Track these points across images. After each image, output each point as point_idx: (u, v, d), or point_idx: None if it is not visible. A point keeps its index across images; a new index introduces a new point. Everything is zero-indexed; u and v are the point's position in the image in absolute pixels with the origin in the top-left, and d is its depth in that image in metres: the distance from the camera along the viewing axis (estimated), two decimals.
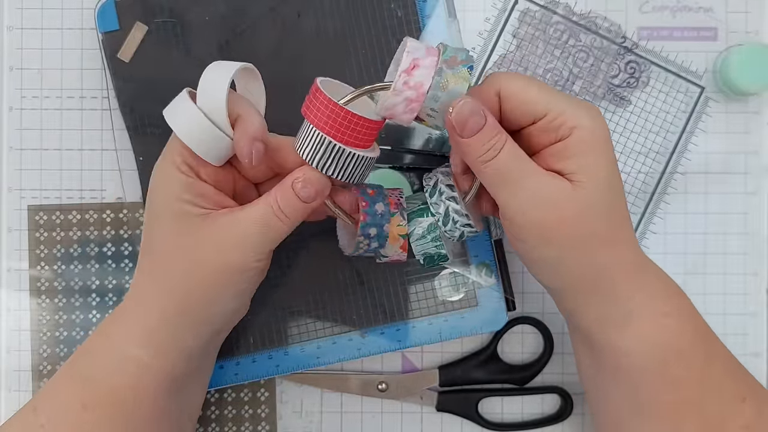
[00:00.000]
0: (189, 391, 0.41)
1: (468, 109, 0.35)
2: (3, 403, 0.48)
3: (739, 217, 0.49)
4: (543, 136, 0.37)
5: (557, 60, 0.49)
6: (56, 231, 0.49)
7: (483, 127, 0.35)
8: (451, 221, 0.39)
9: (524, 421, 0.49)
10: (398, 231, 0.39)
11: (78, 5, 0.49)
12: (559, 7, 0.49)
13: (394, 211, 0.39)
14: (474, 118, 0.35)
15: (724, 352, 0.38)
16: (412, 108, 0.36)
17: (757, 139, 0.49)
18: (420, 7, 0.47)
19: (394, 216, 0.39)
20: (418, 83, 0.35)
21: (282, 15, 0.47)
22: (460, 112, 0.35)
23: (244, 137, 0.37)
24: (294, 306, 0.47)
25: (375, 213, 0.38)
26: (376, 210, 0.39)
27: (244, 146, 0.36)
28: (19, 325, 0.49)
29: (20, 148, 0.49)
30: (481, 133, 0.35)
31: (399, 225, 0.39)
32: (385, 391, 0.48)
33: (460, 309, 0.47)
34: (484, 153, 0.35)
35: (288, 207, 0.37)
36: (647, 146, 0.49)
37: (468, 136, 0.35)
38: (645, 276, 0.38)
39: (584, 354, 0.41)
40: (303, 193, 0.37)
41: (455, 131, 0.36)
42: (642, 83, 0.49)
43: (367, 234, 0.39)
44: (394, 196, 0.40)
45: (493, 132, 0.35)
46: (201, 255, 0.37)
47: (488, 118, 0.36)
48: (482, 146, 0.35)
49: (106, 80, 0.48)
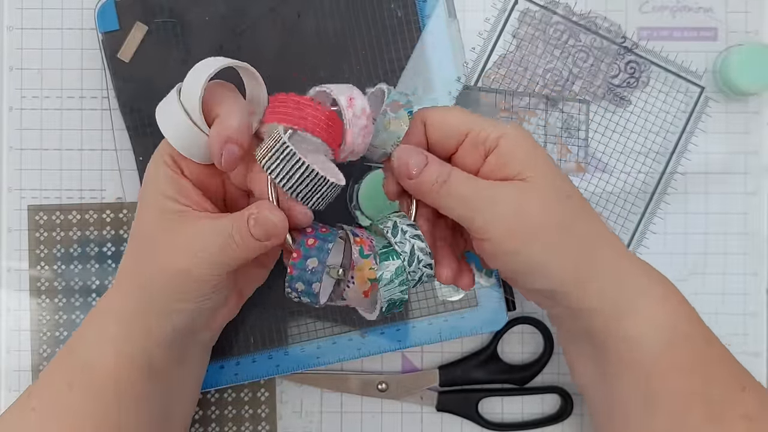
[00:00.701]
0: (174, 383, 0.41)
1: (407, 152, 0.37)
2: (3, 403, 0.48)
3: (739, 217, 0.49)
4: (474, 152, 0.38)
5: (557, 60, 0.49)
6: (56, 231, 0.49)
7: (427, 163, 0.37)
8: (416, 260, 0.37)
9: (524, 421, 0.49)
10: (368, 275, 0.36)
11: (78, 5, 0.49)
12: (559, 7, 0.49)
13: (368, 253, 0.37)
14: (414, 158, 0.37)
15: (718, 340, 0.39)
16: (367, 132, 0.37)
17: (757, 139, 0.49)
18: (420, 7, 0.47)
19: (368, 258, 0.37)
20: (363, 110, 0.37)
21: (282, 15, 0.47)
22: (401, 157, 0.38)
23: (216, 137, 0.36)
24: (294, 306, 0.47)
25: (304, 269, 0.35)
26: (307, 266, 0.35)
27: (214, 146, 0.36)
28: (19, 325, 0.49)
29: (20, 148, 0.49)
30: (426, 168, 0.37)
31: (371, 268, 0.36)
32: (385, 391, 0.48)
33: (460, 309, 0.48)
34: (434, 182, 0.37)
35: (240, 238, 0.36)
36: (647, 146, 0.49)
37: (416, 177, 0.37)
38: (631, 263, 0.38)
39: (583, 355, 0.41)
40: (254, 231, 0.36)
41: (404, 176, 0.38)
42: (642, 83, 0.49)
43: (294, 288, 0.36)
44: (365, 237, 0.38)
45: (437, 163, 0.37)
46: (169, 254, 0.37)
47: (428, 156, 0.38)
48: (432, 176, 0.37)
49: (106, 80, 0.48)
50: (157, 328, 0.39)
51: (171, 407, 0.42)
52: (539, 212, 0.36)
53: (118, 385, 0.38)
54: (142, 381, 0.39)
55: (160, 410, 0.40)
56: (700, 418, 0.37)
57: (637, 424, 0.38)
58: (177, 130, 0.37)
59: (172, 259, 0.37)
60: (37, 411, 0.38)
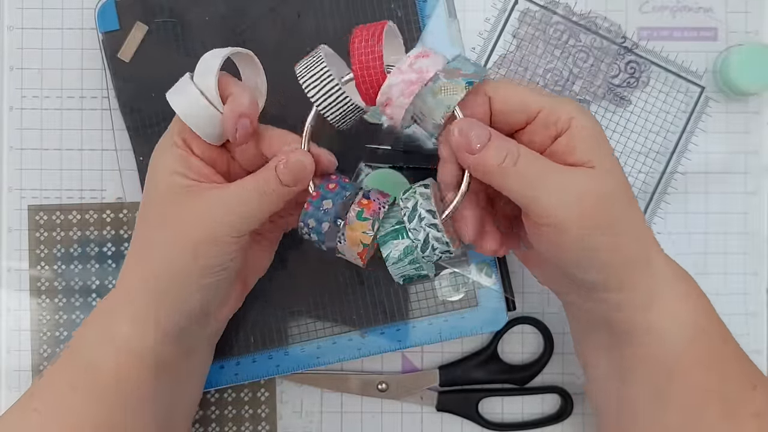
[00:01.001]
0: (180, 379, 0.41)
1: (467, 125, 0.36)
2: (3, 403, 0.48)
3: (739, 217, 0.49)
4: (542, 132, 0.37)
5: (557, 60, 0.49)
6: (56, 231, 0.49)
7: (490, 138, 0.36)
8: (430, 248, 0.37)
9: (524, 421, 0.49)
10: (361, 237, 0.37)
11: (78, 5, 0.49)
12: (559, 7, 0.49)
13: (366, 216, 0.37)
14: (476, 131, 0.36)
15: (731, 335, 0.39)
16: (410, 91, 0.36)
17: (757, 139, 0.49)
18: (420, 7, 0.47)
19: (365, 221, 0.37)
20: (422, 68, 0.36)
21: (282, 15, 0.47)
22: (461, 130, 0.36)
23: (231, 113, 0.38)
24: (294, 306, 0.47)
25: (319, 207, 0.38)
26: (322, 205, 0.38)
27: (229, 121, 0.38)
28: (19, 325, 0.49)
29: (20, 148, 0.49)
30: (491, 143, 0.35)
31: (364, 232, 0.37)
32: (385, 391, 0.48)
33: (460, 309, 0.47)
34: (503, 161, 0.35)
35: (268, 187, 0.37)
36: (647, 146, 0.49)
37: (478, 152, 0.36)
38: (661, 257, 0.38)
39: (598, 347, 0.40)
40: (283, 177, 0.37)
41: (463, 150, 0.36)
42: (642, 83, 0.49)
43: (306, 224, 0.38)
44: (379, 202, 0.38)
45: (502, 140, 0.36)
46: (183, 224, 0.37)
47: (491, 130, 0.36)
48: (496, 156, 0.35)
49: (106, 80, 0.48)
50: (168, 320, 0.39)
51: (175, 406, 0.41)
52: (605, 203, 0.36)
53: (123, 385, 0.38)
54: (149, 380, 0.38)
55: (164, 409, 0.40)
56: (715, 415, 0.37)
57: (647, 419, 0.38)
58: (193, 108, 0.38)
59: (192, 230, 0.37)
60: (39, 412, 0.38)
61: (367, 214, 0.37)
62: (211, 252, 0.37)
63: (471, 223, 0.38)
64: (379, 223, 0.37)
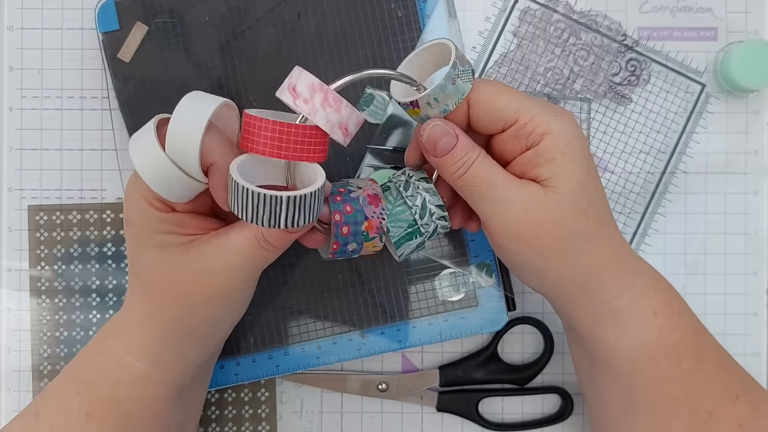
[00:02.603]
0: (193, 395, 0.42)
1: (439, 131, 0.36)
2: (3, 403, 0.48)
3: (739, 217, 0.49)
4: (514, 143, 0.37)
5: (558, 58, 0.49)
6: (56, 231, 0.49)
7: (455, 146, 0.36)
8: (428, 213, 0.39)
9: (524, 421, 0.49)
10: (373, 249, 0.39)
11: (78, 5, 0.49)
12: (560, 5, 0.49)
13: (373, 236, 0.38)
14: (445, 139, 0.36)
15: (716, 349, 0.39)
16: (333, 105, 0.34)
17: (757, 139, 0.49)
18: (420, 7, 0.47)
19: (372, 240, 0.38)
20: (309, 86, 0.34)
21: (282, 15, 0.47)
22: (431, 134, 0.36)
23: (221, 186, 0.35)
24: (294, 306, 0.47)
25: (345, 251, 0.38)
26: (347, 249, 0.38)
27: (221, 194, 0.35)
28: (19, 325, 0.49)
29: (20, 148, 0.49)
30: (453, 151, 0.36)
31: (374, 246, 0.39)
32: (385, 391, 0.48)
33: (460, 309, 0.47)
34: (456, 170, 0.36)
35: (274, 239, 0.36)
36: (648, 143, 0.49)
37: (441, 156, 0.37)
38: (633, 274, 0.38)
39: (579, 354, 0.41)
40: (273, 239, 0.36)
41: (428, 151, 0.37)
42: (643, 81, 0.49)
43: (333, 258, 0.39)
44: (375, 216, 0.38)
45: (464, 150, 0.36)
46: (188, 284, 0.36)
47: (459, 138, 0.36)
48: (454, 164, 0.36)
49: (106, 80, 0.48)
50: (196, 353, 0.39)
51: (187, 418, 0.42)
52: (548, 223, 0.36)
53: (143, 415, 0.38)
54: (168, 406, 0.39)
55: (179, 425, 0.41)
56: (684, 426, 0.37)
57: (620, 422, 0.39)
58: (163, 176, 0.34)
59: (196, 285, 0.36)
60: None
61: (372, 233, 0.38)
62: (229, 300, 0.37)
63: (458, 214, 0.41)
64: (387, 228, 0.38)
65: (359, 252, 0.39)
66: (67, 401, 0.38)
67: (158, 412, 0.38)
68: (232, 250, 0.36)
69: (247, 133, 0.33)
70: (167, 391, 0.38)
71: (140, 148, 0.34)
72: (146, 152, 0.34)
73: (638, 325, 0.37)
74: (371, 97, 0.47)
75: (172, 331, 0.37)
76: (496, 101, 0.36)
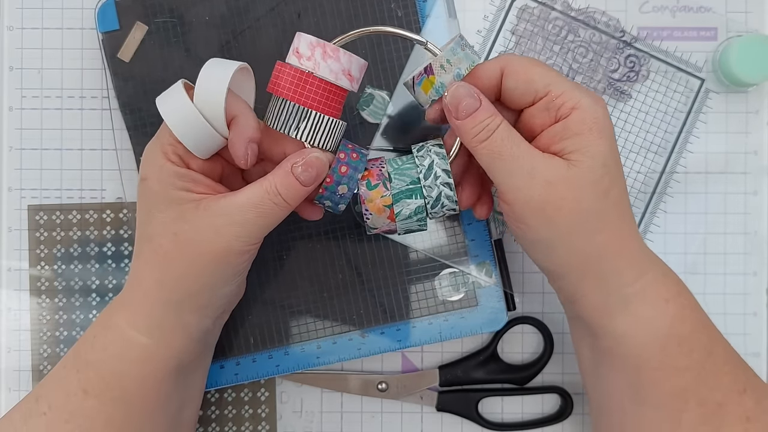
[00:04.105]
0: (192, 377, 0.42)
1: (463, 92, 0.37)
2: (3, 403, 0.48)
3: (739, 217, 0.49)
4: (543, 115, 0.37)
5: (556, 56, 0.49)
6: (56, 231, 0.49)
7: (477, 109, 0.37)
8: (440, 205, 0.39)
9: (524, 421, 0.49)
10: (383, 202, 0.39)
11: (78, 5, 0.49)
12: (557, 3, 0.49)
13: (376, 182, 0.39)
14: (467, 101, 0.37)
15: (724, 343, 0.39)
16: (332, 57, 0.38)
17: (757, 139, 0.49)
18: (420, 7, 0.47)
19: (376, 188, 0.39)
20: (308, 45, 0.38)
21: (282, 15, 0.47)
22: (454, 95, 0.37)
23: (240, 139, 0.37)
24: (294, 306, 0.47)
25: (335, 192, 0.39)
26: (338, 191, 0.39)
27: (240, 148, 0.37)
28: (19, 325, 0.49)
29: (20, 148, 0.49)
30: (475, 114, 0.37)
31: (383, 197, 0.39)
32: (385, 391, 0.48)
33: (460, 309, 0.47)
34: (478, 133, 0.36)
35: (288, 191, 0.37)
36: (648, 140, 0.49)
37: (462, 118, 0.37)
38: (645, 263, 0.38)
39: (584, 343, 0.41)
40: (304, 177, 0.37)
41: (450, 114, 0.37)
42: (642, 77, 0.49)
43: (322, 203, 0.40)
44: (375, 166, 0.40)
45: (486, 113, 0.37)
46: (199, 241, 0.37)
47: (483, 101, 0.37)
48: (475, 127, 0.37)
49: (106, 80, 0.48)
50: (197, 322, 0.39)
51: (185, 403, 0.42)
52: (569, 198, 0.36)
53: (141, 391, 0.38)
54: (167, 383, 0.39)
55: (177, 408, 0.41)
56: (695, 418, 0.37)
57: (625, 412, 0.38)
58: (191, 129, 0.37)
59: (209, 245, 0.37)
60: (47, 415, 0.38)
61: (374, 181, 0.39)
62: (231, 262, 0.38)
63: (467, 192, 0.41)
64: (390, 179, 0.39)
65: (347, 201, 0.39)
66: (66, 381, 0.38)
67: (157, 390, 0.38)
68: (240, 209, 0.37)
69: (275, 78, 0.38)
70: (167, 365, 0.38)
71: (170, 102, 0.37)
72: (176, 104, 0.37)
73: (650, 314, 0.37)
74: (371, 97, 0.47)
75: (174, 295, 0.38)
76: (529, 72, 0.37)
